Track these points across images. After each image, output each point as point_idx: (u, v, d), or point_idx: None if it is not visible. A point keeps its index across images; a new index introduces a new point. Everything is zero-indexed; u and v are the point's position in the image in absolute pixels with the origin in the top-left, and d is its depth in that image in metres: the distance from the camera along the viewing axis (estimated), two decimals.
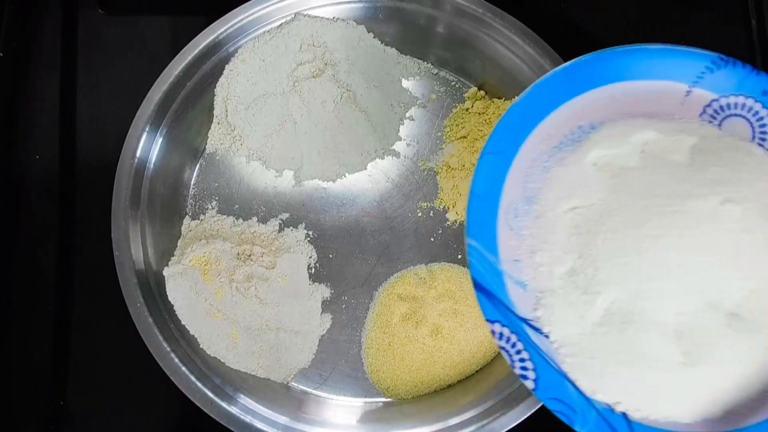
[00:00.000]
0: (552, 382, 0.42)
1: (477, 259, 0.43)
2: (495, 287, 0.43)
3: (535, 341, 0.43)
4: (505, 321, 0.42)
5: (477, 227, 0.44)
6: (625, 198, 0.44)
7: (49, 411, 0.60)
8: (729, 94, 0.46)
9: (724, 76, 0.46)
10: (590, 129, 0.46)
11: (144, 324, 0.56)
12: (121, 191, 0.59)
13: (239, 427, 0.56)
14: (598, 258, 0.43)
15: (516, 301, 0.43)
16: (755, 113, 0.46)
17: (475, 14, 0.63)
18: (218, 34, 0.63)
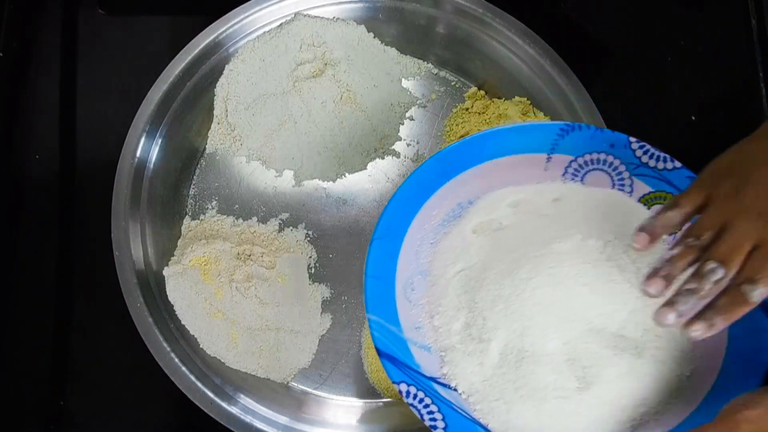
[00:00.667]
0: (461, 428, 0.46)
1: (379, 332, 0.48)
2: (400, 354, 0.48)
3: (446, 396, 0.48)
4: (411, 381, 0.47)
5: (376, 304, 0.48)
6: (501, 253, 0.51)
7: (49, 411, 0.60)
8: (583, 153, 0.52)
9: (575, 139, 0.51)
10: (468, 204, 0.53)
11: (144, 324, 0.56)
12: (121, 191, 0.59)
13: (239, 427, 0.56)
14: (484, 308, 0.49)
15: (422, 363, 0.48)
16: (609, 164, 0.52)
17: (475, 14, 0.63)
18: (218, 34, 0.63)
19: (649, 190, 0.51)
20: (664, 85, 0.67)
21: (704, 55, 0.68)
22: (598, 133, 0.51)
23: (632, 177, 0.51)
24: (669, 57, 0.68)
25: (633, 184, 0.51)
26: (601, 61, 0.69)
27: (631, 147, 0.50)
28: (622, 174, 0.51)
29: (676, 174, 0.50)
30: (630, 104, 0.67)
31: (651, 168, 0.50)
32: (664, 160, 0.50)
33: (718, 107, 0.66)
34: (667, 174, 0.50)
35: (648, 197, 0.51)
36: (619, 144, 0.51)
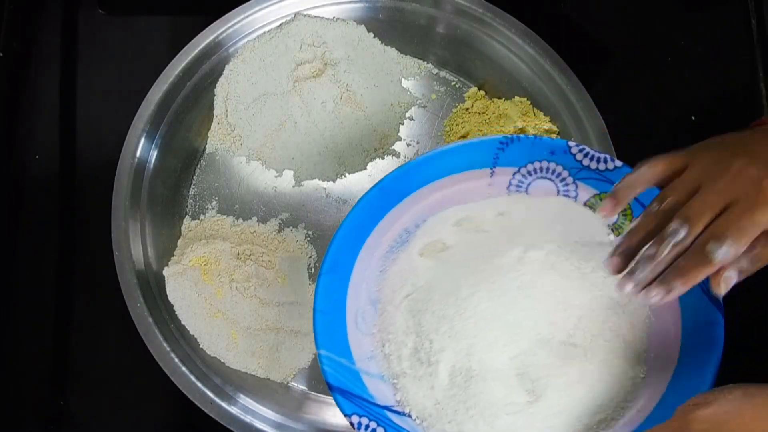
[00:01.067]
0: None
1: (330, 366, 0.48)
2: (351, 386, 0.48)
3: (400, 424, 0.48)
4: (363, 412, 0.47)
5: (326, 338, 0.49)
6: (444, 273, 0.51)
7: (49, 411, 0.60)
8: (525, 163, 0.52)
9: (515, 150, 0.51)
10: (414, 228, 0.53)
11: (144, 324, 0.56)
12: (121, 191, 0.59)
13: (239, 427, 0.56)
14: (429, 331, 0.49)
15: (376, 393, 0.49)
16: (552, 171, 0.52)
17: (475, 14, 0.63)
18: (218, 34, 0.63)
19: (594, 193, 0.51)
20: (664, 85, 0.67)
21: (704, 55, 0.68)
22: (538, 141, 0.51)
23: (576, 181, 0.52)
24: (669, 57, 0.68)
25: (577, 188, 0.52)
26: (601, 61, 0.69)
27: (570, 151, 0.51)
28: (566, 179, 0.52)
29: (618, 173, 0.50)
30: (630, 104, 0.67)
31: (593, 170, 0.51)
32: (605, 161, 0.50)
33: (718, 107, 0.66)
34: (609, 174, 0.50)
35: (594, 199, 0.52)
36: (558, 150, 0.51)
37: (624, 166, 0.50)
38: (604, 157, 0.50)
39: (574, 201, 0.52)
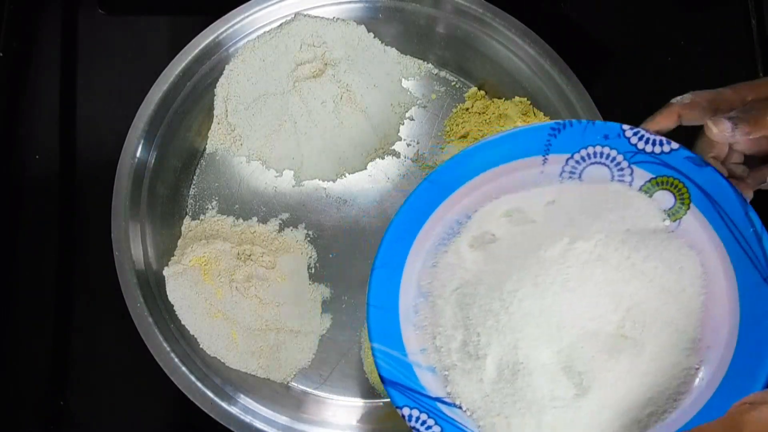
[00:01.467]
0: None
1: (383, 359, 0.48)
2: (404, 379, 0.49)
3: (450, 415, 0.49)
4: (414, 404, 0.48)
5: (380, 332, 0.49)
6: (492, 266, 0.51)
7: (49, 411, 0.60)
8: (579, 149, 0.51)
9: (568, 136, 0.51)
10: (466, 219, 0.52)
11: (144, 324, 0.56)
12: (121, 191, 0.59)
13: (239, 427, 0.56)
14: (477, 324, 0.49)
15: (427, 385, 0.49)
16: (606, 155, 0.51)
17: (475, 14, 0.63)
18: (218, 34, 0.63)
19: (651, 177, 0.50)
20: (664, 85, 0.67)
21: (704, 55, 0.68)
22: (590, 126, 0.50)
23: (631, 165, 0.50)
24: (669, 57, 0.68)
25: (633, 172, 0.51)
26: (601, 61, 0.69)
27: (625, 135, 0.50)
28: (621, 164, 0.51)
29: (674, 156, 0.49)
30: (630, 104, 0.67)
31: (648, 153, 0.49)
32: (660, 144, 0.49)
33: None
34: (665, 157, 0.49)
35: (650, 184, 0.50)
36: (612, 134, 0.50)
37: (681, 148, 0.48)
38: (660, 140, 0.49)
39: (628, 186, 0.51)
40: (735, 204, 0.46)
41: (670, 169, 0.49)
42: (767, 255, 0.45)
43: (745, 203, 0.46)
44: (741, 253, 0.46)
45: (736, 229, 0.46)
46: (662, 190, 0.50)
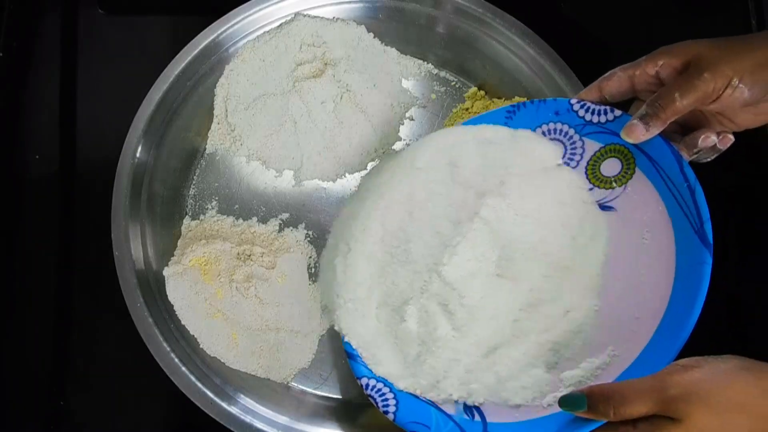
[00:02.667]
0: (411, 410, 0.50)
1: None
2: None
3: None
4: (373, 375, 0.51)
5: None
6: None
7: (49, 411, 0.60)
8: (534, 128, 0.53)
9: (522, 117, 0.53)
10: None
11: (144, 324, 0.56)
12: (121, 191, 0.59)
13: (239, 427, 0.56)
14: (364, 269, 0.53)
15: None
16: (559, 131, 0.53)
17: (475, 14, 0.63)
18: (218, 34, 0.63)
19: (600, 146, 0.52)
20: None
21: None
22: (542, 105, 0.52)
23: (582, 138, 0.52)
24: None
25: (584, 144, 0.53)
26: (601, 61, 0.68)
27: (573, 109, 0.52)
28: (573, 137, 0.53)
29: (618, 123, 0.50)
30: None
31: (596, 124, 0.51)
32: (605, 113, 0.51)
33: None
34: (611, 125, 0.51)
35: (600, 153, 0.52)
36: (562, 109, 0.52)
37: (624, 115, 0.50)
38: (605, 109, 0.51)
39: (527, 131, 0.53)
40: (672, 162, 0.48)
41: (615, 136, 0.50)
42: (698, 207, 0.47)
43: (681, 159, 0.48)
44: (677, 207, 0.48)
45: (673, 185, 0.48)
46: (611, 158, 0.51)
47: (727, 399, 0.39)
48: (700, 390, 0.39)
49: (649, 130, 0.47)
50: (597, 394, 0.42)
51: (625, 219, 0.51)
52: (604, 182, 0.52)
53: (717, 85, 0.44)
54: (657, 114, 0.46)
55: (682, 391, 0.40)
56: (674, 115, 0.46)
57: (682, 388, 0.40)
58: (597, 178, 0.53)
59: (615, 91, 0.50)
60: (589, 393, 0.42)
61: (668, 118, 0.46)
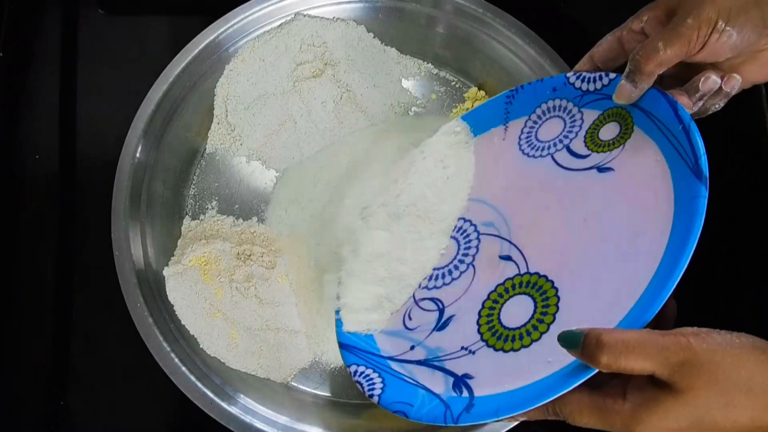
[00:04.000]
0: (397, 391, 0.50)
1: (341, 326, 0.54)
2: (361, 343, 0.53)
3: (400, 371, 0.52)
4: (362, 362, 0.52)
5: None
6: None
7: (49, 411, 0.60)
8: (533, 108, 0.54)
9: (522, 100, 0.54)
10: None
11: (144, 324, 0.56)
12: (121, 191, 0.59)
13: (239, 427, 0.56)
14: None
15: (382, 346, 0.54)
16: (558, 107, 0.53)
17: (475, 14, 0.63)
18: (218, 34, 0.63)
19: (598, 114, 0.51)
20: None
21: None
22: (539, 84, 0.53)
23: (581, 110, 0.52)
24: None
25: (583, 116, 0.52)
26: None
27: (569, 82, 0.52)
28: (571, 111, 0.53)
29: (613, 86, 0.49)
30: None
31: (593, 92, 0.51)
32: (600, 78, 0.50)
33: None
34: (607, 90, 0.50)
35: (598, 121, 0.51)
36: (559, 85, 0.52)
37: (618, 77, 0.49)
38: (599, 75, 0.50)
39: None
40: (666, 109, 0.47)
41: (611, 100, 0.50)
42: (693, 146, 0.45)
43: (675, 104, 0.46)
44: (675, 153, 0.47)
45: (669, 132, 0.47)
46: (610, 123, 0.51)
47: (736, 376, 0.35)
48: (711, 361, 0.35)
49: (637, 87, 0.45)
50: (593, 335, 0.37)
51: (623, 177, 0.49)
52: (602, 146, 0.51)
53: (702, 30, 0.42)
54: (639, 68, 0.44)
55: (691, 357, 0.36)
56: (660, 67, 0.44)
57: (691, 353, 0.36)
58: (595, 144, 0.51)
59: (606, 57, 0.49)
60: (588, 333, 0.38)
61: (653, 70, 0.44)
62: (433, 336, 0.52)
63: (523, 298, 0.49)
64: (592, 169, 0.51)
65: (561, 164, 0.53)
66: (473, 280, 0.53)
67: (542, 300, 0.48)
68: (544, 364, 0.45)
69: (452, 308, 0.53)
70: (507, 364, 0.48)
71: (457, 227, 0.56)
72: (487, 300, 0.51)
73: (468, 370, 0.49)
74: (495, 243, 0.53)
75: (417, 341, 0.52)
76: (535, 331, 0.47)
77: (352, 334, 0.54)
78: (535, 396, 0.43)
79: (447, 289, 0.54)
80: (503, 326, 0.49)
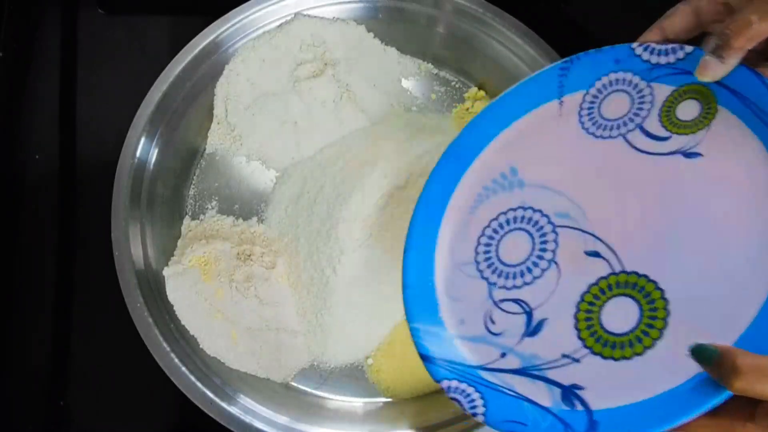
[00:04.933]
0: (501, 407, 0.46)
1: (421, 338, 0.49)
2: (445, 353, 0.48)
3: (494, 381, 0.47)
4: (453, 375, 0.47)
5: (418, 312, 0.50)
6: None
7: (49, 411, 0.60)
8: (593, 82, 0.49)
9: (578, 72, 0.49)
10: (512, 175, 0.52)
11: (144, 324, 0.56)
12: (121, 191, 0.59)
13: (239, 427, 0.56)
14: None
15: (468, 355, 0.49)
16: (622, 81, 0.48)
17: (475, 14, 0.63)
18: (218, 34, 0.63)
19: (672, 89, 0.47)
20: None
21: None
22: (599, 55, 0.48)
23: (650, 85, 0.47)
24: None
25: (653, 92, 0.47)
26: None
27: (636, 53, 0.47)
28: (639, 86, 0.48)
29: (690, 60, 0.45)
30: None
31: (664, 65, 0.46)
32: (674, 51, 0.46)
33: None
34: (682, 64, 0.46)
35: (673, 98, 0.47)
36: (623, 56, 0.47)
37: (696, 50, 0.45)
38: (672, 47, 0.46)
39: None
40: (761, 90, 0.43)
41: (689, 75, 0.45)
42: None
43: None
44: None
45: (763, 113, 0.43)
46: (687, 100, 0.46)
47: None
48: None
49: (725, 63, 0.41)
50: (729, 358, 0.36)
51: (715, 163, 0.45)
52: (682, 127, 0.46)
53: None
54: (729, 43, 0.40)
55: None
56: (751, 42, 0.40)
57: None
58: (674, 124, 0.47)
59: (679, 29, 0.45)
60: (723, 353, 0.36)
61: (743, 45, 0.40)
62: (524, 342, 0.48)
63: (624, 300, 0.45)
64: (677, 153, 0.46)
65: (637, 147, 0.48)
66: (559, 280, 0.48)
67: (647, 303, 0.44)
68: (664, 374, 0.42)
69: (541, 311, 0.48)
70: (620, 374, 0.44)
71: (525, 218, 0.51)
72: (581, 302, 0.47)
73: (575, 380, 0.45)
74: (576, 237, 0.48)
75: (507, 348, 0.48)
76: (647, 337, 0.44)
77: (429, 342, 0.49)
78: (667, 413, 0.40)
79: (530, 289, 0.49)
80: (607, 332, 0.45)
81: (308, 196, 0.62)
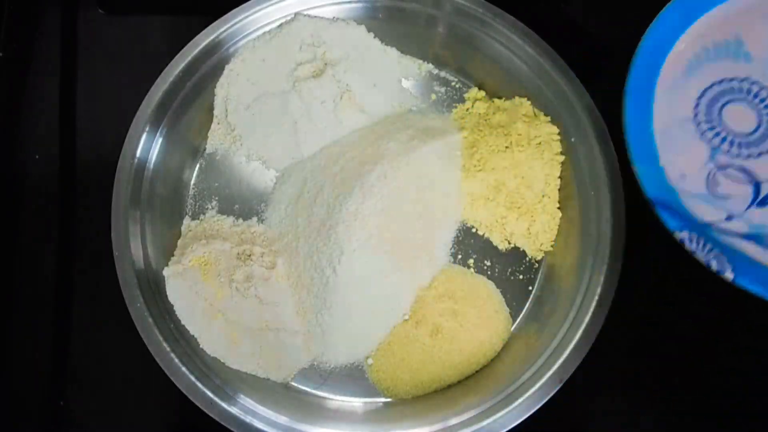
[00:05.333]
0: (744, 266, 0.45)
1: (647, 180, 0.48)
2: (670, 201, 0.47)
3: (723, 241, 0.46)
4: (688, 227, 0.46)
5: (639, 153, 0.48)
6: None
7: (49, 411, 0.60)
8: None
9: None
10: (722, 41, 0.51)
11: (144, 324, 0.56)
12: (121, 191, 0.59)
13: (239, 427, 0.56)
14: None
15: (694, 211, 0.48)
16: None
17: (475, 14, 0.63)
18: (218, 34, 0.63)
19: None
20: None
21: None
22: None
23: None
24: None
25: None
26: (601, 61, 0.68)
27: None
28: None
29: None
30: None
31: None
32: None
33: None
34: None
35: None
36: None
37: None
38: None
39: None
40: None
41: None
42: None
43: None
44: None
45: None
46: None
47: None
48: None
49: None
50: None
51: None
52: None
53: None
54: None
55: None
56: None
57: None
58: None
59: None
60: None
61: None
62: (752, 211, 0.47)
63: None
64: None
65: None
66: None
67: None
68: None
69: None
70: None
71: (752, 92, 0.50)
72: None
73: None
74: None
75: (733, 212, 0.47)
76: None
77: (655, 186, 0.48)
78: None
79: (756, 162, 0.48)
80: None
81: (308, 196, 0.62)
